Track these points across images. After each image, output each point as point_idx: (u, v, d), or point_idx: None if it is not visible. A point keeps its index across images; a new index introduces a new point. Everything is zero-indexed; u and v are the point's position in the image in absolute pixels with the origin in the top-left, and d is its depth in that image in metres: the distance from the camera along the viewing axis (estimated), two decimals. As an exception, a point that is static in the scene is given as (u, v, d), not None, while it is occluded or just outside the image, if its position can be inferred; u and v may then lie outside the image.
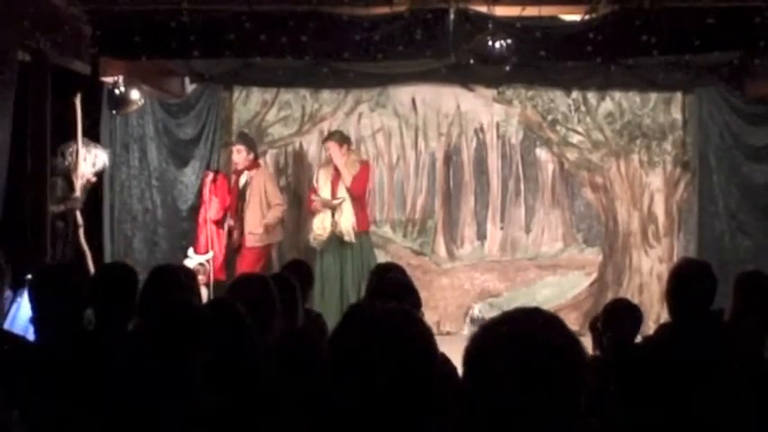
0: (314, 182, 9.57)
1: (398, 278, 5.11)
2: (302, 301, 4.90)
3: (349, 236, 9.21)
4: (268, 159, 10.26)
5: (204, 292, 8.37)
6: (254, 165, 9.53)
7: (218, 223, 9.47)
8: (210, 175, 9.52)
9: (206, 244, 9.38)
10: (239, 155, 9.46)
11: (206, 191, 9.49)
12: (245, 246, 9.40)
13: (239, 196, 9.49)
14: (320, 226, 9.29)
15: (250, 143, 9.60)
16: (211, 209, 9.43)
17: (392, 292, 4.63)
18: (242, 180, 9.51)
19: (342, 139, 9.44)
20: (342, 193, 9.27)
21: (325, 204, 9.27)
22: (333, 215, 9.25)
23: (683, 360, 3.78)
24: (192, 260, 9.18)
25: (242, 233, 9.41)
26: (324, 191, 9.33)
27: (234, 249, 9.49)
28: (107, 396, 3.34)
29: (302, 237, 10.14)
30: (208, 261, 9.30)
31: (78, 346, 3.97)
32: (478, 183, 10.35)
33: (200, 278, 8.57)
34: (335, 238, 9.24)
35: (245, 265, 9.09)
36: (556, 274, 10.31)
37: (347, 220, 9.23)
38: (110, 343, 3.98)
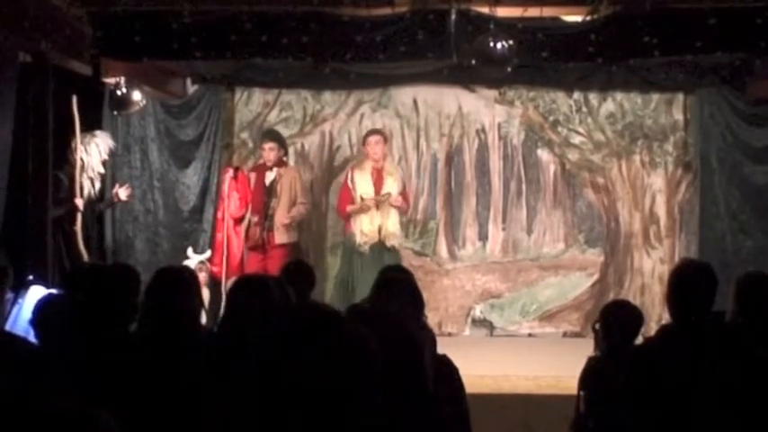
0: (347, 182, 9.35)
1: (402, 279, 5.10)
2: (298, 301, 4.89)
3: (393, 240, 9.13)
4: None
5: (205, 293, 8.36)
6: (281, 162, 9.51)
7: (238, 220, 9.42)
8: (231, 172, 9.43)
9: (222, 242, 9.32)
10: (272, 152, 9.35)
11: (225, 187, 9.39)
12: (274, 243, 9.30)
13: (267, 193, 9.38)
14: (370, 228, 9.09)
15: (281, 140, 9.55)
16: (231, 205, 9.35)
17: (394, 294, 4.62)
18: (269, 177, 9.42)
19: (385, 136, 9.42)
20: (388, 190, 9.16)
21: (376, 201, 9.09)
22: (378, 216, 9.11)
23: (682, 361, 3.78)
24: (192, 260, 9.19)
25: (269, 230, 9.35)
26: (366, 191, 9.16)
27: (255, 247, 9.39)
28: (108, 397, 3.34)
29: (312, 238, 10.19)
30: (208, 259, 9.30)
31: (81, 348, 3.97)
32: (480, 184, 10.35)
33: (203, 276, 8.56)
34: (378, 242, 9.08)
35: (273, 266, 8.84)
36: (557, 275, 10.30)
37: (393, 225, 9.14)
38: (111, 344, 3.98)
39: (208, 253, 9.40)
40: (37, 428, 1.60)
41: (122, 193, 8.97)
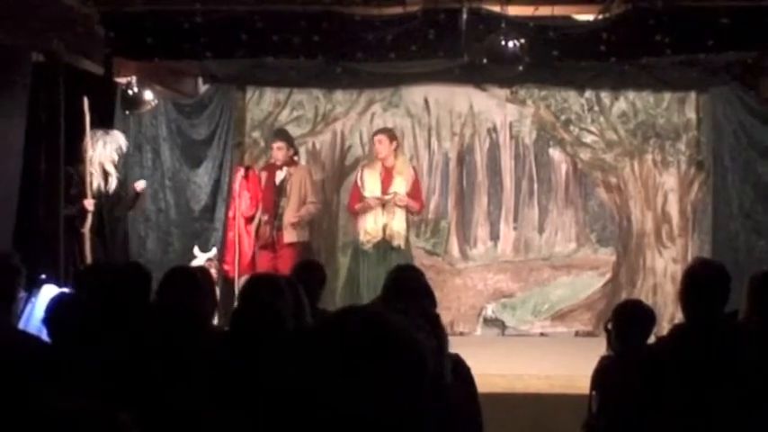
0: (357, 181, 9.39)
1: (415, 278, 5.10)
2: (309, 301, 4.90)
3: (399, 240, 9.07)
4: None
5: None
6: (292, 161, 9.51)
7: (249, 219, 9.43)
8: (242, 171, 9.46)
9: (234, 240, 9.32)
10: (280, 151, 9.37)
11: (236, 186, 9.41)
12: (283, 242, 9.30)
13: (277, 192, 9.40)
14: (374, 227, 9.08)
15: (290, 139, 9.56)
16: (242, 204, 9.37)
17: (408, 293, 4.63)
18: (279, 176, 9.43)
19: (392, 135, 9.35)
20: (395, 189, 9.12)
21: (379, 201, 9.07)
22: (382, 216, 9.09)
23: (695, 361, 3.77)
24: (200, 258, 9.21)
25: (278, 229, 9.35)
26: (373, 190, 9.16)
27: (265, 246, 9.40)
28: (119, 396, 3.34)
29: (323, 237, 10.20)
30: (214, 256, 9.32)
31: (94, 347, 3.97)
32: (492, 183, 10.34)
33: (213, 272, 8.56)
34: (384, 241, 9.06)
35: (284, 265, 8.85)
36: (569, 275, 10.28)
37: (399, 224, 9.09)
38: (124, 343, 3.99)
39: (214, 251, 9.42)
40: (56, 428, 1.59)
41: (140, 184, 8.95)
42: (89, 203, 8.38)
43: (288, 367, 2.01)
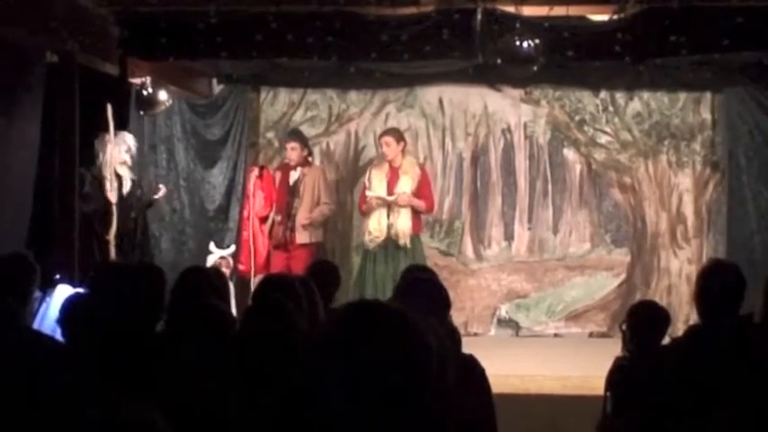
0: (365, 181, 9.38)
1: (429, 279, 5.09)
2: (323, 301, 4.90)
3: (405, 239, 9.00)
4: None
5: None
6: (306, 162, 9.52)
7: (263, 219, 9.44)
8: (256, 171, 9.46)
9: (248, 240, 9.33)
10: (294, 152, 9.35)
11: (250, 186, 9.42)
12: (296, 242, 9.30)
13: (290, 192, 9.40)
14: (377, 227, 9.05)
15: (304, 140, 9.54)
16: (256, 204, 9.38)
17: (421, 293, 4.61)
18: (293, 176, 9.43)
19: (399, 136, 9.30)
20: (401, 189, 9.09)
21: (381, 201, 9.04)
22: (388, 216, 9.07)
23: (710, 362, 3.75)
24: (215, 254, 9.22)
25: (291, 229, 9.37)
26: (379, 190, 9.13)
27: (278, 246, 9.41)
28: (135, 397, 3.34)
29: (338, 237, 10.21)
30: (232, 255, 9.33)
31: (108, 347, 3.98)
32: (506, 183, 10.32)
33: (225, 271, 8.58)
34: (390, 241, 9.05)
35: (297, 265, 8.86)
36: (584, 275, 10.26)
37: (404, 223, 9.04)
38: (138, 343, 3.99)
39: (232, 248, 9.43)
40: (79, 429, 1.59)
41: (160, 192, 9.04)
42: (112, 196, 8.44)
43: (296, 367, 2.00)
